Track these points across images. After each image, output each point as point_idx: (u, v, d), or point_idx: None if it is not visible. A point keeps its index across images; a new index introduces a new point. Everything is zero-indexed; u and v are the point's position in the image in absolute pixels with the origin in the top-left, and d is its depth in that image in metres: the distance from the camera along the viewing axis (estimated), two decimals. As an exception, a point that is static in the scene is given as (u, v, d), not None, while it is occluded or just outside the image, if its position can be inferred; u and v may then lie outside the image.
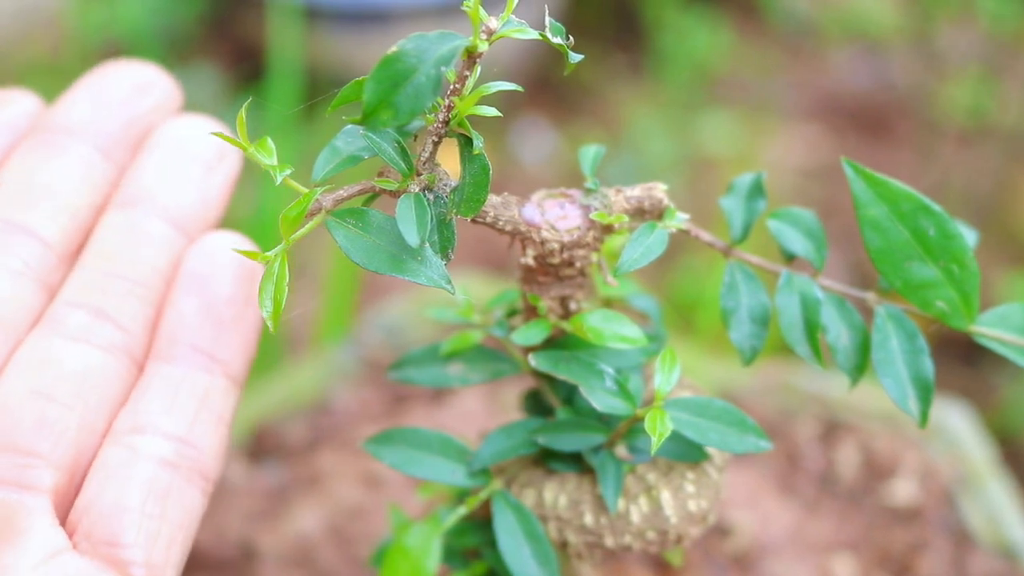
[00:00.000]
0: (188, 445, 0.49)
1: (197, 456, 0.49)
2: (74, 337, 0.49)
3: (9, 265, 0.50)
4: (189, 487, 0.48)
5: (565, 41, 0.42)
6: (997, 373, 1.36)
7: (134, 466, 0.47)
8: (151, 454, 0.48)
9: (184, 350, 0.50)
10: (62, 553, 0.45)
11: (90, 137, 0.54)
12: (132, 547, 0.46)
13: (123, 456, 0.48)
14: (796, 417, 0.75)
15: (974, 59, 1.64)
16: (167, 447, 0.48)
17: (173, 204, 0.53)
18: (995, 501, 0.69)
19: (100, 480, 0.47)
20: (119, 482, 0.47)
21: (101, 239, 0.52)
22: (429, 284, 0.42)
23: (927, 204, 0.46)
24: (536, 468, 0.52)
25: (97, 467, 0.48)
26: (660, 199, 0.48)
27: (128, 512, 0.46)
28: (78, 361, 0.49)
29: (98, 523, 0.46)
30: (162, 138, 0.55)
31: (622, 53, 1.91)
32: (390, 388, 0.80)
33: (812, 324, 0.48)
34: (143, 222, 0.53)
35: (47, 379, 0.48)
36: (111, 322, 0.50)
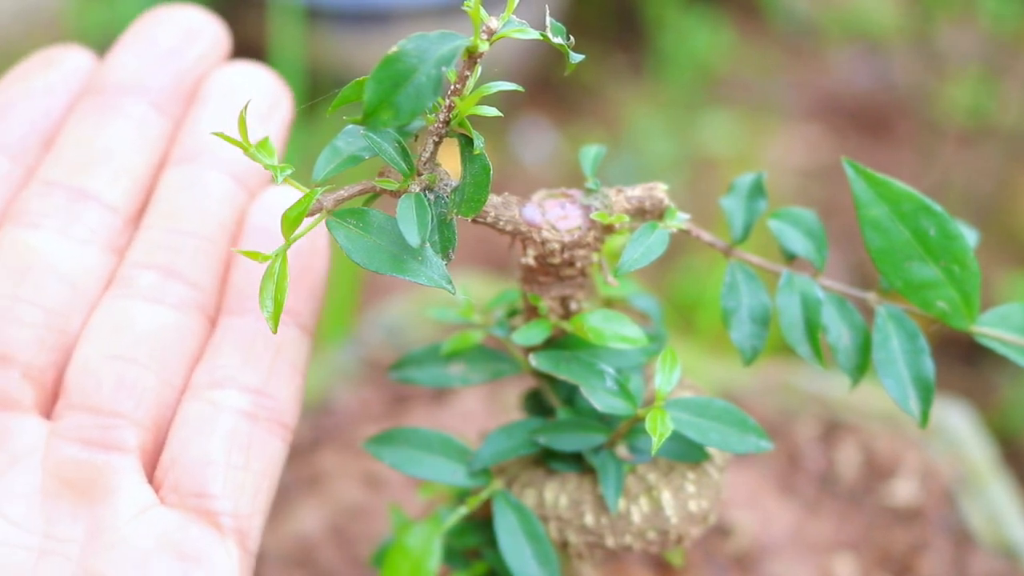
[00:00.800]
0: (266, 396, 0.49)
1: (275, 406, 0.50)
2: (146, 297, 0.50)
3: (76, 234, 0.51)
4: (270, 437, 0.49)
5: (566, 41, 0.42)
6: (998, 373, 1.36)
7: (216, 419, 0.48)
8: (231, 407, 0.49)
9: (253, 303, 0.50)
10: (152, 508, 0.46)
11: (143, 93, 0.54)
12: (220, 498, 0.47)
13: (204, 410, 0.48)
14: (797, 417, 0.75)
15: (975, 59, 1.64)
16: (246, 399, 0.49)
17: (230, 157, 0.53)
18: (996, 501, 0.69)
19: (184, 435, 0.48)
20: (202, 436, 0.48)
21: (164, 197, 0.53)
22: (430, 284, 0.42)
23: (928, 204, 0.46)
24: (537, 468, 0.52)
25: (179, 422, 0.48)
26: (661, 199, 0.48)
27: (213, 464, 0.47)
28: (152, 321, 0.49)
29: (184, 477, 0.47)
30: (214, 89, 0.55)
31: (623, 53, 1.91)
32: (391, 388, 0.80)
33: (813, 324, 0.48)
34: (203, 177, 0.53)
35: (123, 341, 0.48)
36: (181, 280, 0.51)
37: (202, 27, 0.56)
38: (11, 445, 0.47)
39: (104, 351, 0.48)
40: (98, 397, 0.48)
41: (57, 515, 0.46)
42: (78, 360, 0.48)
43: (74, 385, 0.48)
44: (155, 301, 0.50)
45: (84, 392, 0.48)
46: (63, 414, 0.48)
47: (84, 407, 0.47)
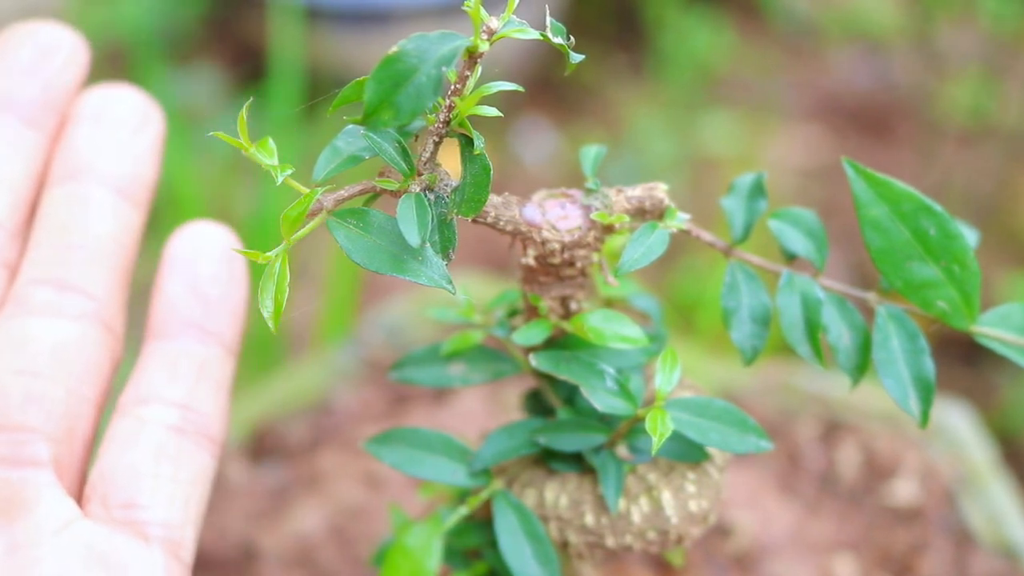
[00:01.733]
0: (191, 411, 0.50)
1: (201, 420, 0.50)
2: (43, 312, 0.50)
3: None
4: (197, 449, 0.50)
5: (566, 41, 0.42)
6: (998, 373, 1.36)
7: (142, 433, 0.49)
8: (157, 421, 0.49)
9: (177, 326, 0.52)
10: (74, 522, 0.46)
11: (11, 108, 0.54)
12: (149, 508, 0.47)
13: (131, 426, 0.49)
14: (797, 417, 0.75)
15: (975, 59, 1.64)
16: (172, 413, 0.50)
17: (110, 171, 0.54)
18: (996, 501, 0.69)
19: (112, 450, 0.48)
20: (129, 449, 0.48)
21: (50, 214, 0.53)
22: (430, 284, 0.42)
23: (928, 204, 0.46)
24: (537, 468, 0.52)
25: (108, 438, 0.49)
26: (661, 199, 0.48)
27: (141, 476, 0.48)
28: (52, 334, 0.50)
29: (112, 490, 0.47)
30: (84, 109, 0.55)
31: (623, 53, 1.91)
32: (391, 388, 0.80)
33: (813, 324, 0.48)
34: (87, 192, 0.53)
35: (27, 357, 0.49)
36: (76, 291, 0.51)
37: (60, 40, 0.56)
38: None
39: (7, 368, 0.48)
40: (6, 413, 0.47)
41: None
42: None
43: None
44: (53, 315, 0.50)
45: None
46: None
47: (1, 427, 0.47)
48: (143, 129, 0.56)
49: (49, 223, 0.53)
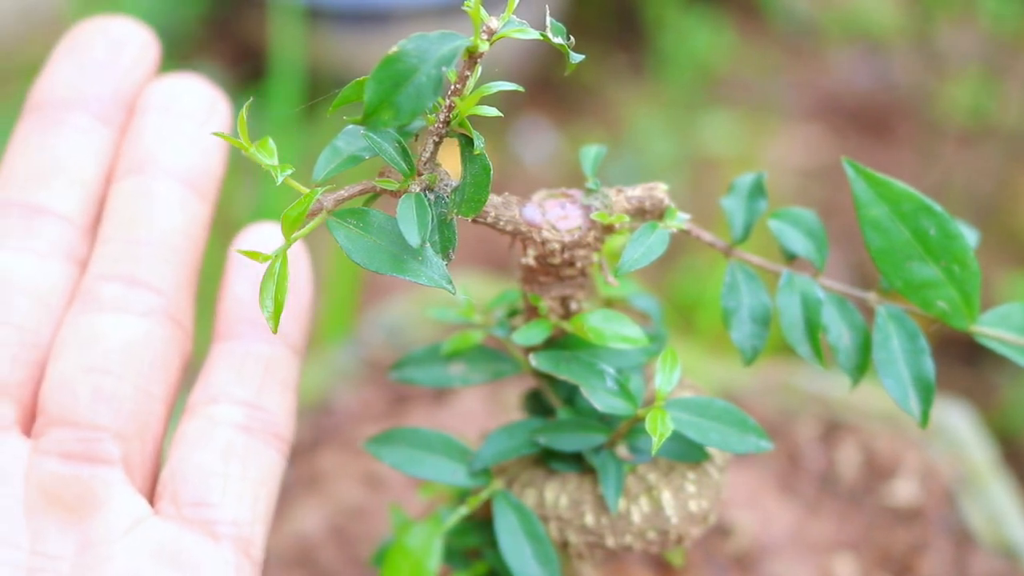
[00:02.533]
0: (259, 409, 0.51)
1: (269, 418, 0.51)
2: (112, 308, 0.50)
3: (36, 248, 0.51)
4: (266, 447, 0.50)
5: (566, 41, 0.42)
6: (998, 373, 1.36)
7: (212, 433, 0.49)
8: (226, 420, 0.50)
9: (244, 327, 0.52)
10: (146, 519, 0.47)
11: (84, 105, 0.54)
12: (218, 506, 0.48)
13: (201, 425, 0.50)
14: (797, 417, 0.75)
15: (975, 59, 1.64)
16: (240, 412, 0.50)
17: (177, 163, 0.54)
18: (996, 501, 0.69)
19: (182, 448, 0.49)
20: (199, 448, 0.49)
21: (118, 208, 0.53)
22: (430, 284, 0.42)
23: (928, 204, 0.46)
24: (537, 468, 0.52)
25: (178, 437, 0.50)
26: (661, 199, 0.48)
27: (211, 474, 0.48)
28: (121, 331, 0.50)
29: (182, 488, 0.48)
30: (152, 100, 0.55)
31: (623, 53, 1.91)
32: (391, 388, 0.80)
33: (813, 324, 0.48)
34: (154, 186, 0.53)
35: (96, 354, 0.49)
36: (144, 287, 0.51)
37: (131, 35, 0.56)
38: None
39: (77, 365, 0.49)
40: (76, 411, 0.48)
41: (44, 532, 0.46)
42: (52, 376, 0.49)
43: (51, 401, 0.48)
44: (121, 311, 0.50)
45: (61, 407, 0.48)
46: (43, 431, 0.48)
47: (63, 422, 0.48)
48: (210, 120, 0.56)
49: (117, 217, 0.53)
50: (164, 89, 0.56)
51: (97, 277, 0.51)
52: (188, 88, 0.56)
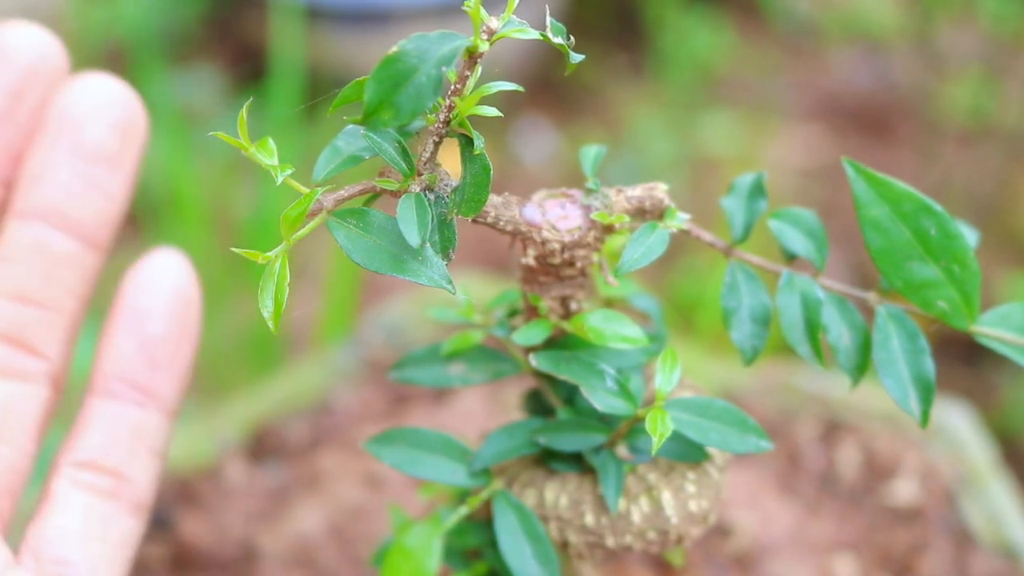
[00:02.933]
0: (123, 479, 0.52)
1: (132, 488, 0.53)
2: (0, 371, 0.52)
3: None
4: (126, 515, 0.52)
5: (566, 41, 0.42)
6: (998, 373, 1.36)
7: (77, 497, 0.51)
8: (92, 486, 0.52)
9: (120, 386, 0.53)
10: (11, 568, 0.49)
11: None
12: (78, 565, 0.50)
13: (67, 489, 0.51)
14: (797, 417, 0.75)
15: (975, 59, 1.64)
16: (105, 481, 0.52)
17: (78, 218, 0.53)
18: (996, 501, 0.69)
19: (48, 507, 0.51)
20: (64, 511, 0.51)
21: (9, 258, 0.52)
22: (430, 284, 0.42)
23: (928, 204, 0.46)
24: (537, 468, 0.52)
25: (46, 497, 0.51)
26: (661, 199, 0.48)
27: (73, 535, 0.50)
28: (5, 395, 0.51)
29: (45, 545, 0.50)
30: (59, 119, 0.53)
31: (623, 53, 1.91)
32: (391, 388, 0.80)
33: (813, 324, 0.48)
34: (50, 240, 0.52)
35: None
36: (30, 352, 0.52)
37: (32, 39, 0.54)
38: None
39: None
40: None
41: None
42: None
43: None
44: (6, 374, 0.51)
45: None
46: None
47: None
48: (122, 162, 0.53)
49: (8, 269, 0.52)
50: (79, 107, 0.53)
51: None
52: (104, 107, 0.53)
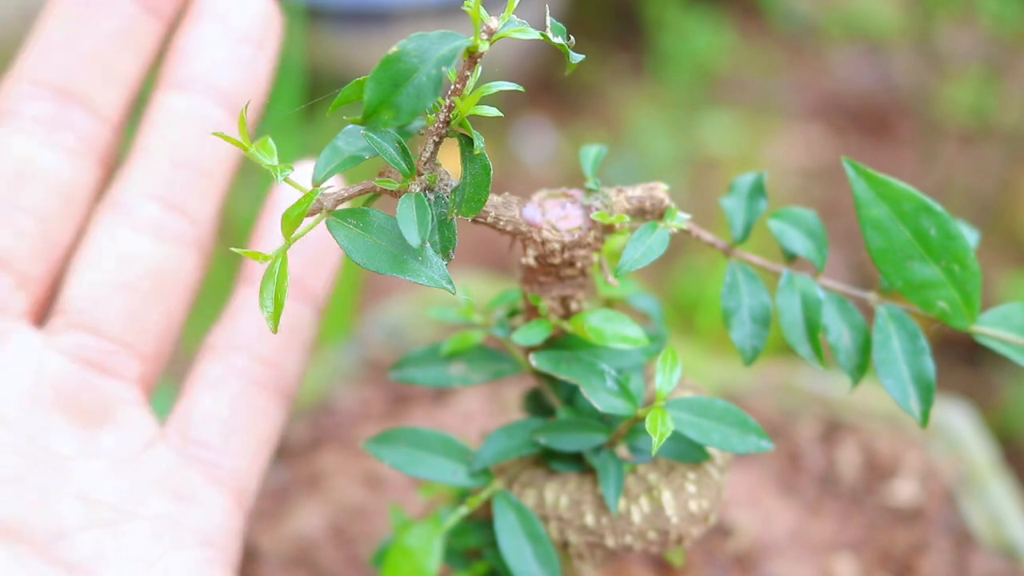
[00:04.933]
0: (276, 368, 0.53)
1: (282, 378, 0.53)
2: (150, 230, 0.52)
3: (66, 142, 0.52)
4: (274, 406, 0.53)
5: (566, 41, 0.42)
6: (998, 373, 1.36)
7: (229, 382, 0.52)
8: (244, 373, 0.52)
9: None
10: (156, 444, 0.50)
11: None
12: (221, 452, 0.51)
13: (220, 372, 0.52)
14: (797, 417, 0.75)
15: (976, 59, 1.64)
16: (258, 368, 0.52)
17: (226, 88, 0.54)
18: (997, 501, 0.69)
19: (199, 389, 0.51)
20: (216, 394, 0.51)
21: (162, 123, 0.53)
22: (430, 284, 0.42)
23: (928, 204, 0.46)
24: (537, 468, 0.52)
25: (198, 378, 0.52)
26: (661, 199, 0.48)
27: (222, 421, 0.51)
28: (157, 256, 0.52)
29: (192, 426, 0.50)
30: (206, 9, 0.54)
31: (623, 53, 1.91)
32: (391, 388, 0.80)
33: (813, 324, 0.48)
34: (203, 109, 0.53)
35: (131, 273, 0.51)
36: (181, 214, 0.52)
37: None
38: (7, 350, 0.48)
39: (111, 279, 0.50)
40: (103, 323, 0.49)
41: (48, 425, 0.47)
42: (82, 283, 0.50)
43: (78, 307, 0.49)
44: (158, 236, 0.52)
45: (88, 315, 0.49)
46: (63, 332, 0.49)
47: (87, 329, 0.49)
48: (264, 41, 0.55)
49: (159, 134, 0.53)
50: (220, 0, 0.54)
51: (136, 193, 0.52)
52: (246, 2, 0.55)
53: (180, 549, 0.48)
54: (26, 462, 0.46)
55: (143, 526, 0.47)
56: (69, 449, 0.47)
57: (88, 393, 0.48)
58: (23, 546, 0.45)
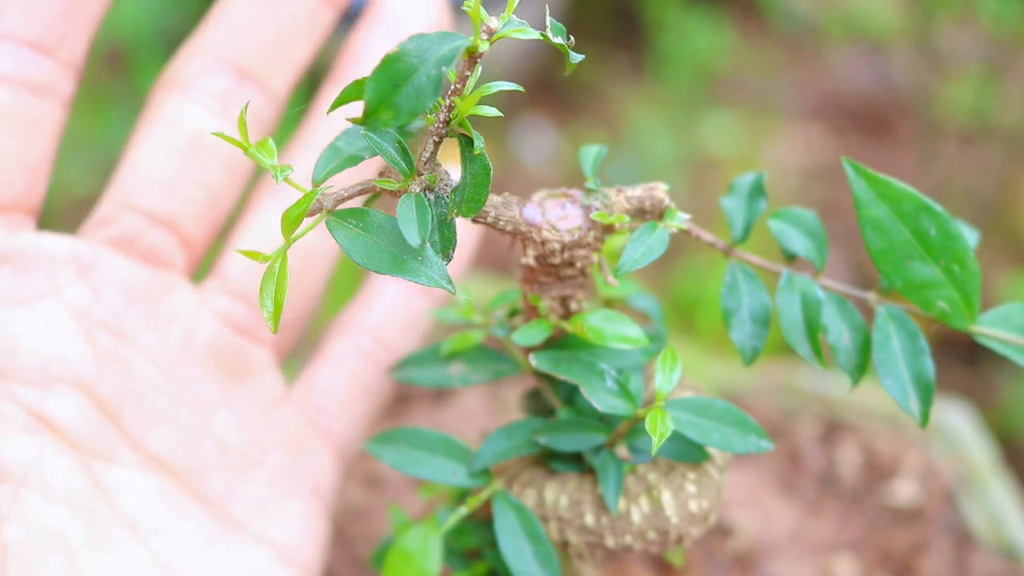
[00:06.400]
0: (394, 352, 0.58)
1: (395, 358, 0.58)
2: None
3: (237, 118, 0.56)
4: (385, 384, 0.59)
5: (566, 41, 0.42)
6: (998, 373, 1.36)
7: (352, 359, 0.58)
8: (367, 353, 0.58)
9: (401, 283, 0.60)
10: (284, 404, 0.56)
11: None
12: (335, 419, 0.57)
13: (346, 351, 0.58)
14: (797, 417, 0.75)
15: (976, 59, 1.64)
16: (380, 351, 0.58)
17: None
18: (996, 501, 0.69)
19: (324, 363, 0.58)
20: (338, 369, 0.58)
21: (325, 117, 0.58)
22: (430, 284, 0.42)
23: (928, 204, 0.46)
24: (537, 468, 0.52)
25: (327, 352, 0.58)
26: (661, 199, 0.48)
27: (337, 393, 0.57)
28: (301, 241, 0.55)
29: (313, 394, 0.57)
30: (387, 8, 0.59)
31: (623, 53, 1.91)
32: (391, 388, 0.80)
33: (813, 324, 0.48)
34: None
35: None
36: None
37: None
38: (170, 302, 0.54)
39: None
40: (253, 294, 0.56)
41: (197, 375, 0.54)
42: (237, 256, 0.56)
43: (235, 275, 0.56)
44: None
45: (243, 285, 0.56)
46: (217, 295, 0.56)
47: (239, 296, 0.56)
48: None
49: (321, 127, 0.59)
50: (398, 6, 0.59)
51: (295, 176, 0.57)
52: (422, 6, 0.59)
53: (294, 497, 0.55)
54: (176, 405, 0.53)
55: (266, 473, 0.54)
56: (213, 398, 0.54)
57: (232, 352, 0.55)
58: (169, 477, 0.52)
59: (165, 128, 0.55)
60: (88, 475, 0.51)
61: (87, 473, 0.51)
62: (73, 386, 0.51)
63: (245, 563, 0.52)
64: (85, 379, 0.51)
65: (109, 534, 0.50)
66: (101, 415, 0.52)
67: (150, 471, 0.52)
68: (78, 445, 0.51)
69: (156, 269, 0.54)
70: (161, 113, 0.55)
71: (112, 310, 0.53)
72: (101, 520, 0.50)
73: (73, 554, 0.49)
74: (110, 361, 0.52)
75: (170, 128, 0.55)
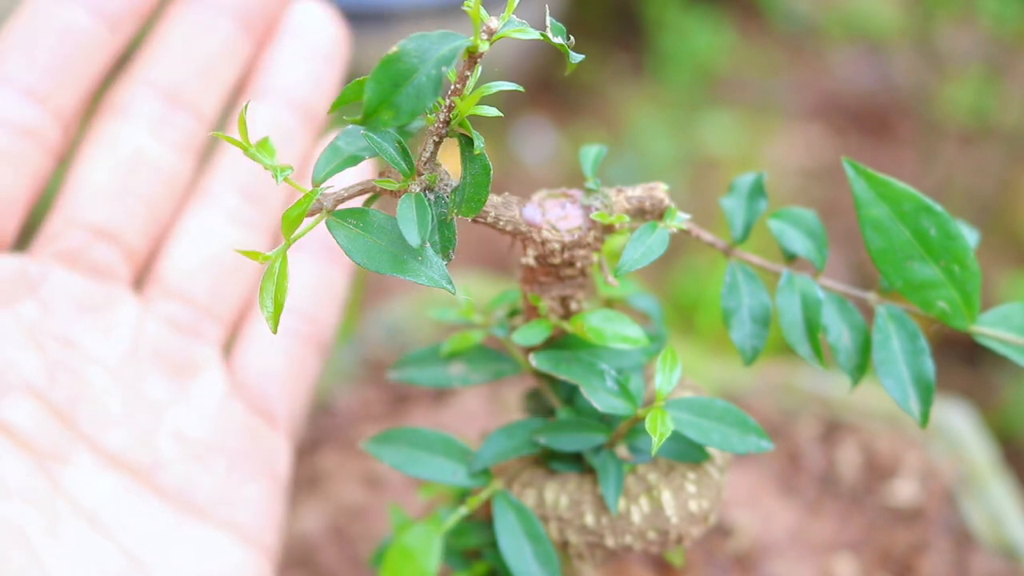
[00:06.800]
0: (316, 322, 0.62)
1: (321, 332, 0.62)
2: (231, 219, 0.61)
3: (171, 138, 0.60)
4: (315, 356, 0.62)
5: (566, 41, 0.42)
6: (998, 373, 1.36)
7: (281, 340, 0.60)
8: (293, 331, 0.61)
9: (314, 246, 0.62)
10: (232, 398, 0.59)
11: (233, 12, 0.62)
12: (278, 402, 0.60)
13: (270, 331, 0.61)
14: (797, 417, 0.75)
15: (976, 59, 1.64)
16: (304, 326, 0.61)
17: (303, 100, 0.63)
18: (996, 501, 0.69)
19: (256, 348, 0.60)
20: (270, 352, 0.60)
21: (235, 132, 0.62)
22: (430, 284, 0.42)
23: (928, 204, 0.46)
24: (537, 468, 0.52)
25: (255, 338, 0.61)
26: (661, 199, 0.48)
27: (276, 376, 0.60)
28: (235, 239, 0.60)
29: (252, 380, 0.60)
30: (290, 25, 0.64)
31: (623, 53, 1.91)
32: (391, 388, 0.80)
33: (813, 324, 0.48)
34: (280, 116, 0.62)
35: (216, 253, 0.60)
36: (257, 205, 0.61)
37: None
38: (114, 312, 0.57)
39: (200, 259, 0.59)
40: (195, 295, 0.59)
41: (146, 376, 0.57)
42: (177, 260, 0.59)
43: (174, 279, 0.59)
44: (238, 222, 0.61)
45: (182, 288, 0.59)
46: (158, 300, 0.58)
47: (180, 298, 0.59)
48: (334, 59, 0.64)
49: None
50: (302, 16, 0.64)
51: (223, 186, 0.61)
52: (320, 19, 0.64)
53: (253, 480, 0.58)
54: (129, 406, 0.56)
55: (225, 461, 0.57)
56: (164, 396, 0.57)
57: (179, 352, 0.58)
58: (128, 473, 0.55)
59: (106, 148, 0.59)
60: (46, 476, 0.53)
61: (45, 475, 0.53)
62: (27, 393, 0.54)
63: (208, 547, 0.56)
64: (38, 387, 0.54)
65: (70, 529, 0.52)
66: (56, 420, 0.54)
67: (108, 469, 0.55)
68: (34, 448, 0.53)
69: (101, 281, 0.57)
70: (102, 135, 0.59)
71: (61, 322, 0.56)
72: (62, 517, 0.52)
73: (35, 549, 0.51)
74: (60, 369, 0.55)
75: (111, 148, 0.59)
